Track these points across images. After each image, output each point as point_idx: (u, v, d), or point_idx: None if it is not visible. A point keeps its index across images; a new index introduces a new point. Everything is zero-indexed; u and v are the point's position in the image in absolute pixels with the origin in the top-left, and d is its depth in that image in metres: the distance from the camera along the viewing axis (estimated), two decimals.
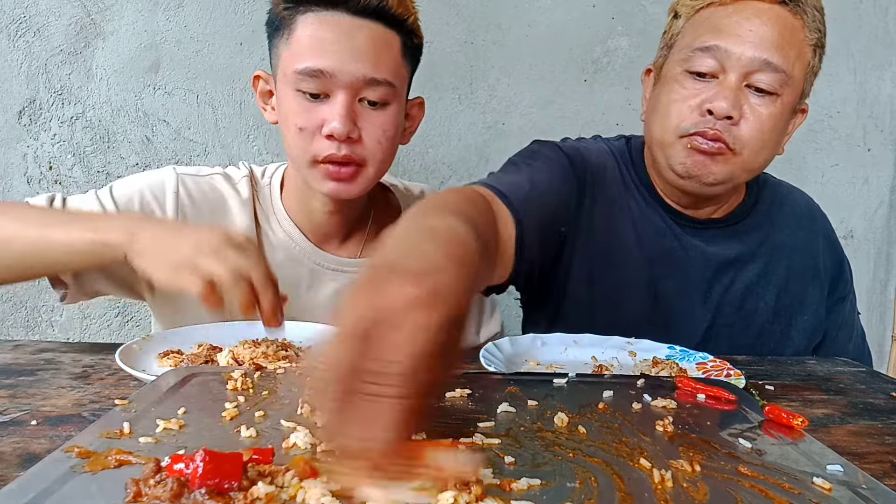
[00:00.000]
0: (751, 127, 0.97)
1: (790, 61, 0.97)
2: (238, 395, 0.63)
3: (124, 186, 1.07)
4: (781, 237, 1.15)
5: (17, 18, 1.67)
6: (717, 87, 0.97)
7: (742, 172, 1.02)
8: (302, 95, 0.98)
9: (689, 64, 0.99)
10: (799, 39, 0.98)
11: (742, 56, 0.95)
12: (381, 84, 0.98)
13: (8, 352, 0.91)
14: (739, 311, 1.12)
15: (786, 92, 0.98)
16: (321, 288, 1.13)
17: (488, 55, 1.84)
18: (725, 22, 0.97)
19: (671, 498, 0.45)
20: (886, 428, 0.73)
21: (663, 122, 1.02)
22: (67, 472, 0.45)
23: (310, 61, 0.96)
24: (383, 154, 1.03)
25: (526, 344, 0.97)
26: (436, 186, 1.86)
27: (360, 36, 0.96)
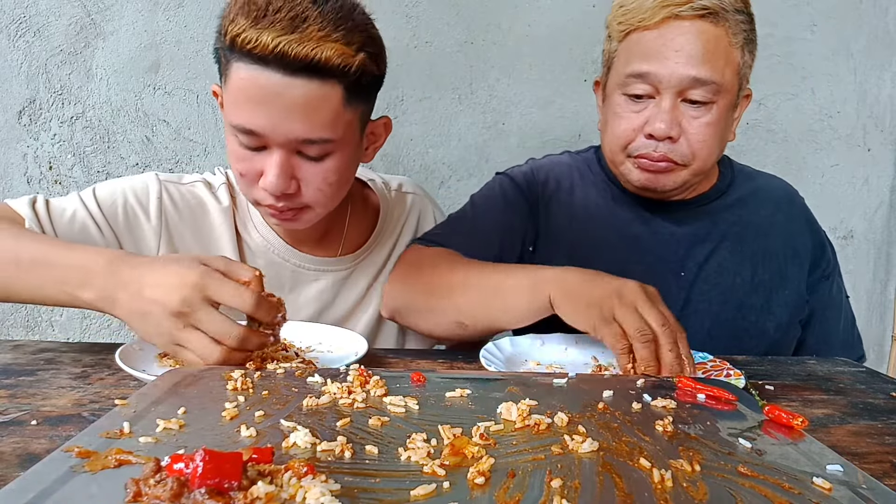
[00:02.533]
0: (692, 140, 1.05)
1: (719, 71, 1.02)
2: (238, 394, 0.63)
3: (108, 189, 1.05)
4: (757, 219, 1.20)
5: (17, 18, 1.67)
6: (655, 109, 1.05)
7: (696, 176, 1.10)
8: (239, 144, 0.94)
9: (626, 88, 1.07)
10: (724, 47, 1.02)
11: (671, 77, 1.02)
12: (316, 143, 0.93)
13: (8, 352, 0.91)
14: (716, 286, 1.15)
15: (720, 98, 1.04)
16: (303, 289, 1.13)
17: (488, 55, 1.84)
18: (652, 46, 1.03)
19: (671, 498, 0.45)
20: (886, 428, 0.73)
21: (611, 144, 1.12)
22: (67, 471, 0.45)
23: (240, 119, 0.91)
24: (326, 197, 0.99)
25: (526, 344, 0.97)
26: (436, 186, 1.86)
27: (291, 95, 0.88)
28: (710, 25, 1.01)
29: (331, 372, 0.72)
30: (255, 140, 0.92)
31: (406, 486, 0.45)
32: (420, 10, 1.78)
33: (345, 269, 1.15)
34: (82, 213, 1.01)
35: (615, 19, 1.10)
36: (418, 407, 0.62)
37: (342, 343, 0.95)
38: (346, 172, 1.01)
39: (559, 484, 0.46)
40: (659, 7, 1.02)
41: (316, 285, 1.13)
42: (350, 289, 1.16)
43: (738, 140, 1.94)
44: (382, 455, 0.51)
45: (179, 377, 0.68)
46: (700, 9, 1.01)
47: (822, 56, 1.96)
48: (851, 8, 1.96)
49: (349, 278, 1.16)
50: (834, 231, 2.02)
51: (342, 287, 1.15)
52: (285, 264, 1.12)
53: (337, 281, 1.15)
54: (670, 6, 1.01)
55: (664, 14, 1.02)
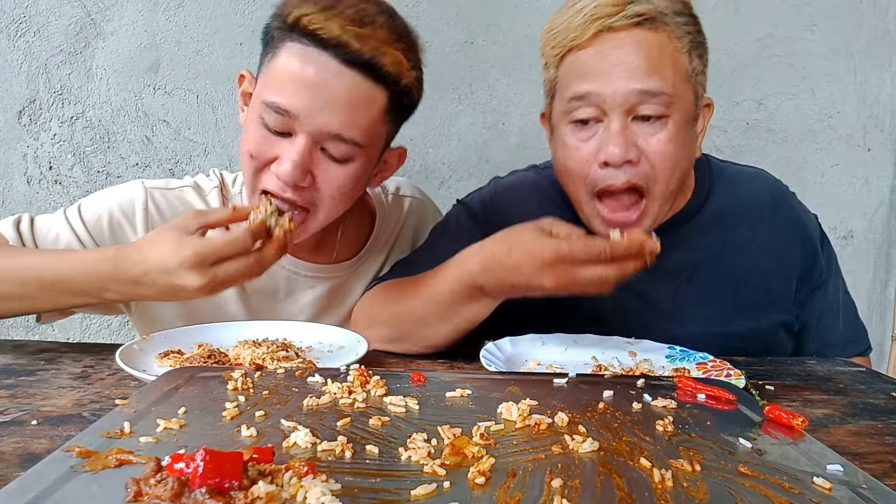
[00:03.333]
0: (653, 160, 0.95)
1: (667, 80, 0.92)
2: (238, 394, 0.63)
3: (93, 206, 1.04)
4: (737, 236, 1.10)
5: (17, 18, 1.67)
6: (605, 133, 0.94)
7: (664, 202, 1.00)
8: (263, 124, 0.91)
9: (571, 115, 0.97)
10: (668, 53, 0.93)
11: (616, 95, 0.92)
12: (346, 142, 0.91)
13: (8, 352, 0.91)
14: (695, 319, 1.07)
15: (674, 109, 0.94)
16: (298, 296, 1.12)
17: (488, 55, 1.84)
18: (590, 64, 0.94)
19: (671, 497, 0.45)
20: (886, 428, 0.73)
21: (571, 182, 1.01)
22: (68, 471, 0.45)
23: (279, 97, 0.88)
24: (334, 205, 0.97)
25: (526, 344, 0.97)
26: (436, 186, 1.86)
27: (339, 85, 0.87)
28: (648, 33, 0.92)
29: (331, 372, 0.72)
30: (284, 123, 0.89)
31: (406, 485, 0.45)
32: (420, 10, 1.78)
33: (340, 276, 1.14)
34: (66, 235, 1.00)
35: (547, 44, 1.01)
36: (419, 407, 0.62)
37: (342, 343, 0.95)
38: (356, 187, 0.98)
39: (559, 484, 0.46)
40: (589, 21, 0.93)
41: (311, 292, 1.12)
42: (346, 295, 1.15)
43: (738, 140, 1.95)
44: (383, 455, 0.51)
45: (180, 377, 0.68)
46: (634, 16, 0.91)
47: (822, 56, 1.96)
48: (851, 8, 1.96)
49: (345, 285, 1.15)
50: (834, 231, 2.02)
51: (338, 294, 1.14)
52: (280, 271, 1.10)
53: (333, 288, 1.13)
54: (601, 18, 0.92)
55: (596, 27, 0.92)
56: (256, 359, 0.82)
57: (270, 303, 1.10)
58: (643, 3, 0.92)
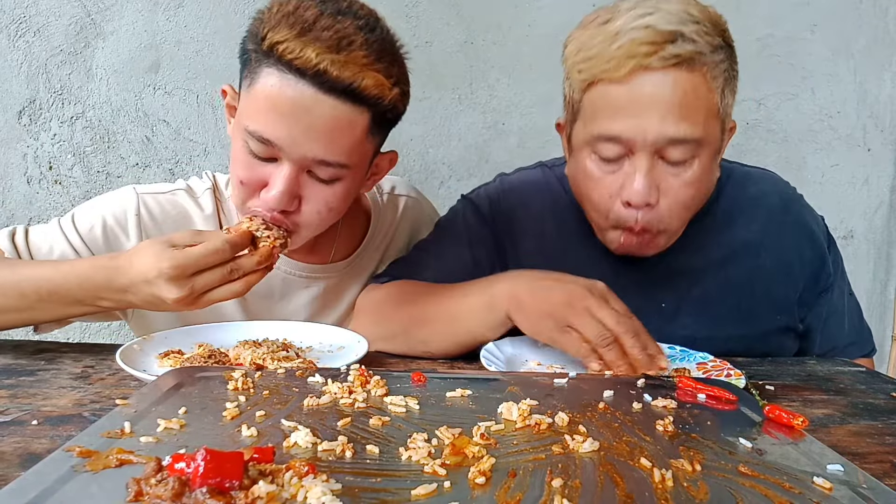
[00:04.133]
0: (671, 204, 0.94)
1: (699, 125, 0.90)
2: (239, 394, 0.63)
3: (86, 215, 1.05)
4: (747, 235, 1.09)
5: (17, 18, 1.67)
6: (630, 169, 0.93)
7: (678, 233, 1.01)
8: (249, 151, 0.91)
9: (596, 149, 0.95)
10: (703, 95, 0.89)
11: (646, 139, 0.89)
12: (332, 165, 0.90)
13: (8, 352, 0.91)
14: (699, 319, 1.07)
15: (702, 151, 0.92)
16: (294, 297, 1.12)
17: (488, 55, 1.84)
18: (621, 102, 0.90)
19: (671, 497, 0.45)
20: (886, 428, 0.73)
21: (592, 210, 1.01)
22: (68, 471, 0.45)
23: (260, 126, 0.87)
24: (321, 220, 0.97)
25: (526, 344, 0.97)
26: (436, 186, 1.86)
27: (319, 113, 0.86)
28: (685, 73, 0.88)
29: (331, 372, 0.72)
30: (268, 150, 0.89)
31: (407, 485, 0.45)
32: (420, 10, 1.78)
33: (336, 277, 1.14)
34: (62, 245, 1.01)
35: (575, 66, 0.96)
36: (419, 407, 0.62)
37: (342, 343, 0.95)
38: (346, 200, 0.98)
39: (560, 483, 0.46)
40: (624, 57, 0.88)
41: (307, 292, 1.12)
42: (342, 295, 1.15)
43: (738, 140, 1.95)
44: (383, 455, 0.51)
45: (180, 377, 0.68)
46: (672, 57, 0.87)
47: (822, 56, 1.96)
48: (851, 8, 1.96)
49: (340, 285, 1.14)
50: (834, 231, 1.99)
51: (334, 294, 1.14)
52: (276, 272, 1.08)
53: (328, 288, 1.13)
54: (637, 57, 0.87)
55: (631, 66, 0.88)
56: (257, 359, 0.82)
57: (266, 304, 1.10)
58: (682, 44, 0.87)
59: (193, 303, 0.81)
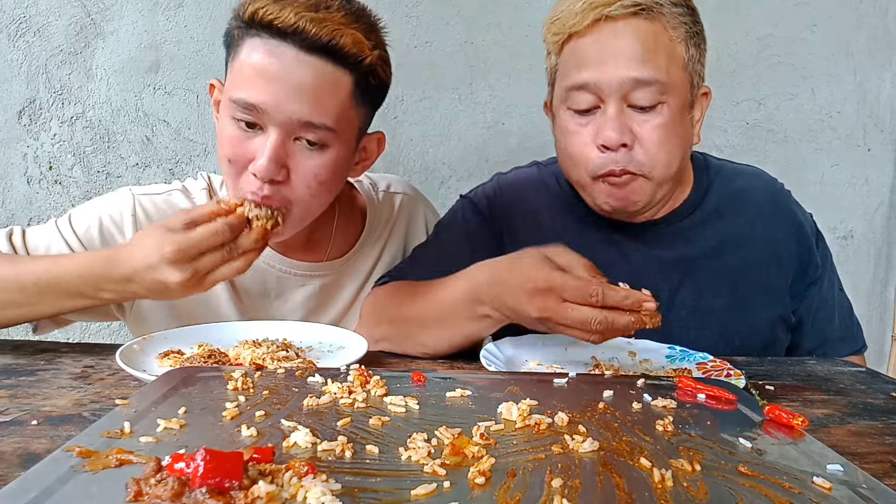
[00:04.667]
0: (647, 147, 0.98)
1: (661, 69, 0.96)
2: (238, 394, 0.63)
3: (82, 216, 1.05)
4: (735, 229, 1.12)
5: (17, 18, 1.67)
6: (602, 118, 0.98)
7: (662, 184, 1.03)
8: (237, 123, 0.91)
9: (569, 103, 1.01)
10: (664, 43, 0.97)
11: (611, 82, 0.96)
12: (318, 128, 0.91)
13: (8, 352, 0.91)
14: (694, 311, 1.08)
15: (669, 97, 0.97)
16: (290, 295, 1.12)
17: (488, 55, 1.84)
18: (587, 52, 0.98)
19: (671, 497, 0.45)
20: (886, 428, 0.73)
21: (573, 167, 1.04)
22: (68, 471, 0.45)
23: (245, 92, 0.89)
24: (312, 198, 0.96)
25: (526, 344, 0.97)
26: (436, 186, 1.86)
27: (302, 73, 0.88)
28: (645, 22, 0.96)
29: (331, 372, 0.72)
30: (254, 116, 0.90)
31: (407, 485, 0.45)
32: (420, 10, 1.78)
33: (332, 274, 1.14)
34: (59, 246, 1.01)
35: (549, 31, 1.03)
36: (419, 407, 0.62)
37: (342, 343, 0.95)
38: (335, 175, 0.98)
39: (560, 483, 0.46)
40: (588, 9, 0.96)
41: (302, 291, 1.12)
42: (338, 294, 1.15)
43: (738, 140, 1.95)
44: (383, 455, 0.51)
45: (180, 377, 0.68)
46: (631, 6, 0.95)
47: (822, 56, 1.96)
48: (851, 8, 1.96)
49: (336, 283, 1.14)
50: (834, 231, 2.02)
51: (330, 292, 1.14)
52: (271, 270, 1.10)
53: (324, 286, 1.13)
54: (599, 7, 0.95)
55: (594, 16, 0.96)
56: (256, 359, 0.82)
57: (262, 302, 1.10)
58: None
59: (198, 284, 0.82)
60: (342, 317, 1.15)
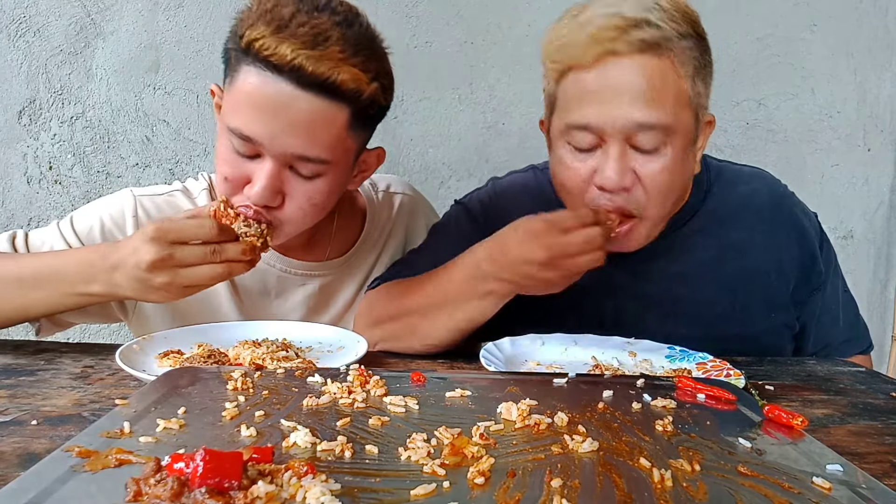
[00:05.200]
0: (648, 188, 0.94)
1: (667, 111, 0.90)
2: (238, 394, 0.63)
3: (84, 217, 1.06)
4: (735, 235, 1.09)
5: (17, 18, 1.67)
6: (602, 157, 0.93)
7: (658, 224, 1.00)
8: (232, 148, 0.92)
9: (569, 139, 0.96)
10: (671, 82, 0.90)
11: (615, 124, 0.90)
12: (313, 161, 0.91)
13: (8, 352, 0.91)
14: (695, 320, 1.07)
15: (673, 140, 0.92)
16: (290, 295, 1.12)
17: (488, 55, 1.84)
18: (591, 90, 0.91)
19: (671, 497, 0.45)
20: (886, 428, 0.73)
21: (569, 199, 1.01)
22: (68, 471, 0.45)
23: (240, 123, 0.88)
24: (305, 216, 0.97)
25: (526, 344, 0.97)
26: (435, 186, 1.86)
27: (298, 109, 0.87)
28: (652, 59, 0.89)
29: (331, 372, 0.72)
30: (250, 147, 0.90)
31: (406, 485, 0.45)
32: (420, 10, 1.78)
33: (331, 274, 1.14)
34: (60, 247, 1.02)
35: (548, 57, 0.98)
36: (418, 407, 0.62)
37: (342, 343, 0.95)
38: (331, 196, 0.99)
39: (559, 483, 0.46)
40: (591, 43, 0.89)
41: (303, 290, 1.12)
42: (338, 293, 1.15)
43: (738, 140, 1.95)
44: (382, 455, 0.51)
45: (179, 377, 0.68)
46: (638, 42, 0.88)
47: (822, 56, 1.96)
48: (851, 8, 1.96)
49: (336, 283, 1.15)
50: (834, 231, 2.02)
51: (330, 292, 1.14)
52: (271, 269, 1.10)
53: (324, 286, 1.13)
54: (603, 42, 0.88)
55: (598, 51, 0.89)
56: (256, 359, 0.82)
57: (262, 302, 1.11)
58: (648, 29, 0.88)
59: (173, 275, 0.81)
60: (342, 316, 1.15)
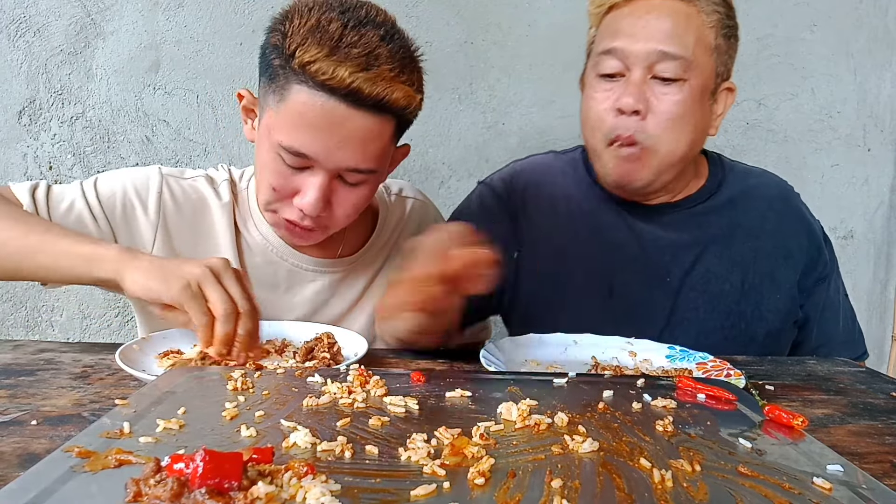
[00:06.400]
0: (659, 119, 1.03)
1: (688, 47, 1.01)
2: (238, 394, 0.63)
3: (109, 181, 1.07)
4: (747, 219, 1.16)
5: (17, 18, 1.67)
6: (624, 85, 1.04)
7: (668, 165, 1.07)
8: (283, 162, 0.95)
9: (599, 68, 1.07)
10: (696, 25, 1.02)
11: (639, 52, 1.02)
12: (362, 172, 0.96)
13: (8, 352, 0.91)
14: (703, 293, 1.12)
15: (692, 76, 1.02)
16: (299, 289, 1.13)
17: (488, 55, 1.84)
18: (623, 23, 1.04)
19: (671, 498, 0.45)
20: (886, 428, 0.73)
21: (591, 131, 1.10)
22: (67, 471, 0.45)
23: (295, 142, 0.92)
24: (347, 220, 1.03)
25: (526, 344, 0.97)
26: (435, 186, 1.86)
27: (352, 126, 0.91)
28: (680, 3, 1.02)
29: (331, 372, 0.72)
30: (303, 161, 0.93)
31: (406, 486, 0.45)
32: (420, 10, 1.78)
33: (341, 272, 1.15)
34: (80, 205, 1.02)
35: (592, 3, 1.11)
36: (418, 407, 0.62)
37: (342, 343, 0.95)
38: (370, 199, 1.05)
39: (559, 484, 0.46)
40: None
41: (312, 286, 1.13)
42: (346, 290, 1.16)
43: (738, 140, 1.95)
44: (383, 455, 0.51)
45: (179, 377, 0.68)
46: None
47: (822, 56, 1.96)
48: (851, 8, 1.96)
49: (345, 280, 1.16)
50: (834, 231, 2.02)
51: (338, 288, 1.15)
52: (282, 263, 1.12)
53: (333, 282, 1.15)
54: None
55: None
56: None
57: (272, 295, 1.11)
58: None
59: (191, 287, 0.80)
60: (348, 312, 1.16)
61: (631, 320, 1.10)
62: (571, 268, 1.13)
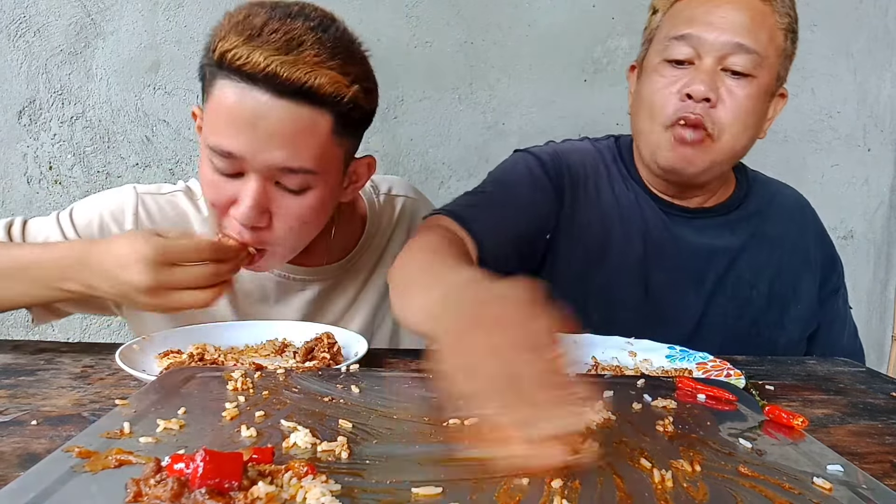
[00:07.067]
0: (728, 109, 1.01)
1: (762, 43, 1.00)
2: (238, 394, 0.63)
3: (84, 210, 1.04)
4: (773, 229, 1.17)
5: (17, 18, 1.67)
6: (695, 72, 1.01)
7: (724, 158, 1.05)
8: (214, 169, 0.89)
9: (667, 53, 1.04)
10: (770, 23, 1.01)
11: (715, 41, 0.99)
12: (298, 172, 0.87)
13: (8, 352, 0.91)
14: (733, 300, 1.13)
15: (761, 73, 1.01)
16: (290, 300, 1.10)
17: (488, 55, 1.84)
18: (699, 11, 1.02)
19: (671, 498, 0.45)
20: (886, 428, 0.73)
21: (649, 113, 1.06)
22: (68, 471, 0.45)
23: (220, 139, 0.85)
24: (295, 237, 0.95)
25: None
26: (436, 186, 1.86)
27: (277, 119, 0.83)
28: (758, 0, 1.01)
29: (331, 372, 0.72)
30: (233, 165, 0.87)
31: (406, 486, 0.45)
32: (420, 10, 1.78)
33: (331, 279, 1.12)
34: (56, 238, 1.00)
35: None
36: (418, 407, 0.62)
37: (342, 343, 0.95)
38: (321, 212, 0.95)
39: (559, 484, 0.46)
40: None
41: (302, 295, 1.11)
42: (337, 298, 1.13)
43: None
44: (383, 455, 0.51)
45: (180, 377, 0.68)
46: None
47: (822, 56, 1.96)
48: (851, 8, 1.96)
49: (336, 287, 1.13)
50: (834, 231, 2.01)
51: (329, 296, 1.13)
52: (270, 275, 1.08)
53: (324, 290, 1.12)
54: None
55: None
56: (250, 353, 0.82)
57: (261, 308, 1.09)
58: None
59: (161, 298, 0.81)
60: (342, 319, 1.14)
61: (662, 321, 1.09)
62: (611, 261, 1.10)
